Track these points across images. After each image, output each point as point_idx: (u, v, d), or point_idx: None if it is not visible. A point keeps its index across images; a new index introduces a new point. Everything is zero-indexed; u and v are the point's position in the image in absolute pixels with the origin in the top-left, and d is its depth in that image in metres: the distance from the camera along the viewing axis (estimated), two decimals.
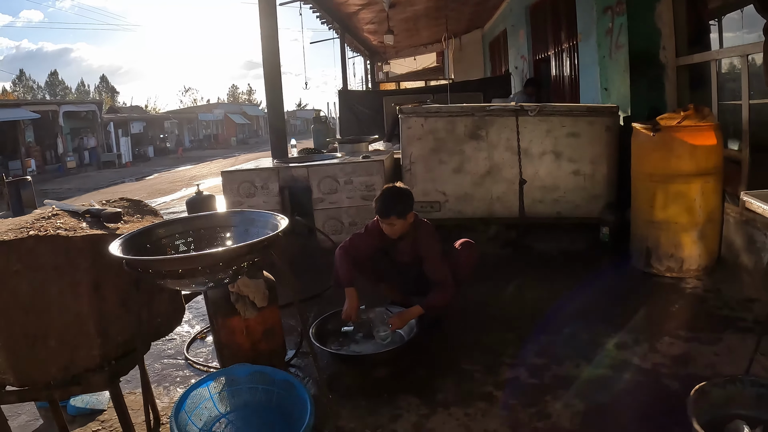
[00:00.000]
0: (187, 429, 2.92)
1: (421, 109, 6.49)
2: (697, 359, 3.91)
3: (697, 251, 5.40)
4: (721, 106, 6.11)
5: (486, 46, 22.31)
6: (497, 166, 6.28)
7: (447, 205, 6.35)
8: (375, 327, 4.39)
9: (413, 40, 22.14)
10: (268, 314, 3.75)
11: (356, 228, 6.25)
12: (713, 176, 5.30)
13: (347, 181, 6.23)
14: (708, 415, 2.99)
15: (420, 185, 6.31)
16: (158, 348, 4.67)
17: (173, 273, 2.37)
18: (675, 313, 4.73)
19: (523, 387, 3.68)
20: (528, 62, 13.87)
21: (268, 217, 3.02)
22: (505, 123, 6.24)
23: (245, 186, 6.39)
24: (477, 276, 5.34)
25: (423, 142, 6.27)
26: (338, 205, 6.30)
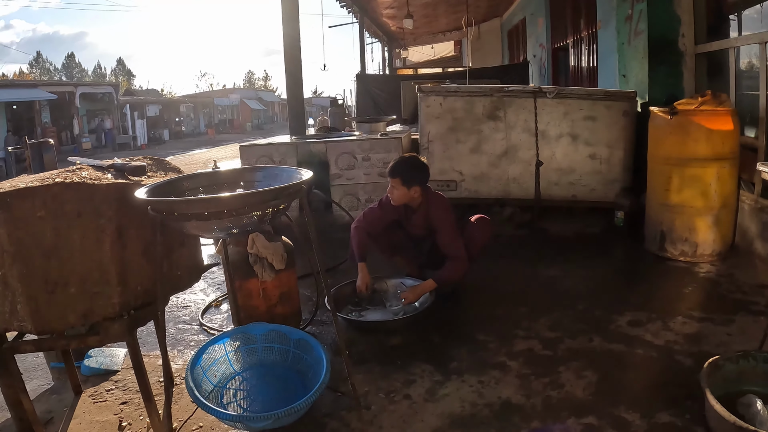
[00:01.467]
0: (201, 384, 2.96)
1: (440, 88, 6.51)
2: (709, 338, 3.93)
3: (711, 236, 5.41)
4: (738, 94, 6.10)
5: (504, 35, 22.23)
6: (514, 147, 6.30)
7: (463, 185, 6.37)
8: (388, 301, 4.44)
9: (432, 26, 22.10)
10: (285, 277, 3.79)
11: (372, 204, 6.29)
12: (729, 161, 5.30)
13: (365, 157, 6.26)
14: (721, 389, 3.00)
15: (437, 164, 6.33)
16: (173, 314, 4.73)
17: (199, 215, 2.39)
18: (688, 295, 4.74)
19: (537, 358, 3.71)
20: (546, 50, 13.83)
21: (292, 172, 3.04)
22: (523, 104, 6.25)
23: (263, 161, 6.42)
24: (491, 254, 5.38)
25: (441, 121, 6.29)
26: (355, 182, 6.34)
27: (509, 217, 6.64)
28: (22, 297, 2.58)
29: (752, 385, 3.09)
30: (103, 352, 3.97)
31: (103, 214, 2.65)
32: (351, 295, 4.53)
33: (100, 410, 3.38)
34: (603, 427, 2.96)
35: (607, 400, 3.18)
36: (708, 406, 2.84)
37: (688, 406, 3.08)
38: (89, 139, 35.39)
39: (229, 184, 3.11)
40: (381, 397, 3.33)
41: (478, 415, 3.13)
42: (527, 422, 3.04)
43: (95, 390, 3.61)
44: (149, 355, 3.98)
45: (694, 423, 2.95)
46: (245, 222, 2.49)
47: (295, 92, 7.76)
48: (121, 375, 3.79)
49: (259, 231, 3.64)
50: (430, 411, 3.18)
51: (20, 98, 29.81)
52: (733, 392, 3.03)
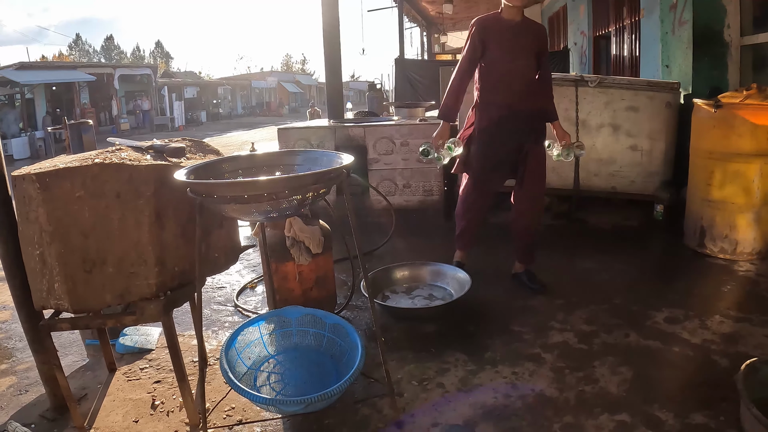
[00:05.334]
0: (235, 366, 2.97)
1: None
2: (747, 339, 3.85)
3: (752, 234, 5.30)
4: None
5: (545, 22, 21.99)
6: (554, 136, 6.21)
7: None
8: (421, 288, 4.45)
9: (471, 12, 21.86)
10: (321, 261, 3.80)
11: (410, 190, 6.28)
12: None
13: (403, 143, 6.23)
14: (757, 392, 2.92)
15: None
16: (208, 295, 4.77)
17: (238, 198, 2.39)
18: (726, 293, 4.66)
19: (571, 351, 3.68)
20: (588, 38, 13.64)
21: (332, 156, 3.03)
22: (564, 93, 6.17)
23: (301, 144, 6.42)
24: None
25: None
26: (393, 167, 6.31)
27: (547, 206, 6.58)
28: (59, 276, 2.61)
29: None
30: (137, 330, 4.01)
31: (142, 195, 2.67)
32: (386, 281, 4.53)
33: (133, 388, 3.42)
34: (636, 425, 2.92)
35: (641, 398, 3.15)
36: (743, 409, 2.79)
37: (722, 407, 3.03)
38: (127, 120, 35.75)
39: (268, 167, 3.11)
40: (414, 385, 3.32)
41: (511, 406, 3.11)
42: (560, 416, 3.01)
43: (129, 368, 3.66)
44: (183, 335, 4.02)
45: (728, 426, 2.91)
46: (284, 206, 2.48)
47: (333, 76, 7.72)
48: (155, 354, 3.84)
49: (297, 215, 3.64)
50: (462, 400, 3.17)
51: (60, 79, 30.20)
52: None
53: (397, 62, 14.15)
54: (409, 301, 4.39)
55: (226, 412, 3.13)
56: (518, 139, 4.53)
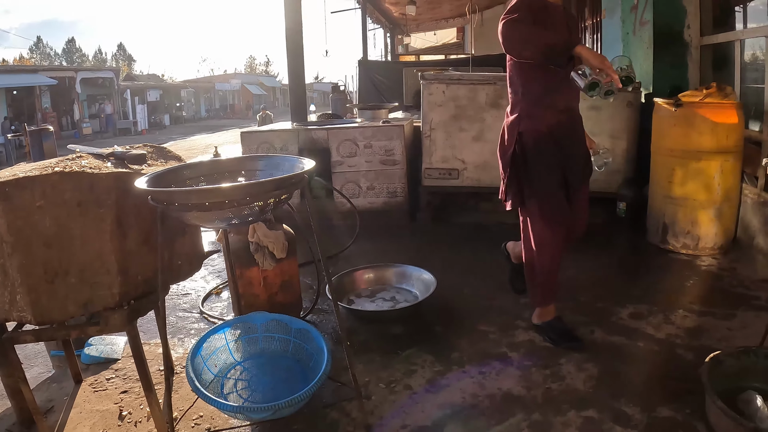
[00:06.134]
0: (202, 374, 2.95)
1: (443, 75, 6.46)
2: (710, 332, 3.93)
3: (713, 229, 5.40)
4: (743, 87, 6.07)
5: None
6: None
7: (465, 173, 6.32)
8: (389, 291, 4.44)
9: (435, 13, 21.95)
10: (286, 266, 3.78)
11: (374, 192, 6.27)
12: (733, 155, 5.29)
13: (367, 145, 6.23)
14: (721, 384, 2.99)
15: (439, 152, 6.28)
16: (174, 302, 4.72)
17: (200, 206, 2.37)
18: (689, 288, 4.73)
19: (538, 349, 3.72)
20: None
21: (294, 161, 3.02)
22: None
23: (264, 147, 6.39)
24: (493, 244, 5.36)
25: (444, 109, 6.24)
26: (357, 169, 6.30)
27: None
28: (21, 287, 2.57)
29: (753, 382, 3.07)
30: (103, 340, 3.97)
31: (103, 204, 2.64)
32: (351, 285, 4.52)
33: (100, 399, 3.38)
34: (603, 421, 2.96)
35: (608, 393, 3.18)
36: (708, 401, 2.84)
37: (688, 400, 3.07)
38: (90, 125, 35.40)
39: (230, 173, 3.09)
40: (382, 387, 3.33)
41: (479, 406, 3.13)
42: (527, 414, 3.04)
43: (95, 379, 3.61)
44: (150, 344, 3.98)
45: (694, 418, 2.95)
46: (246, 213, 2.47)
47: (296, 78, 7.70)
48: (122, 363, 3.79)
49: (260, 220, 3.62)
50: (430, 401, 3.17)
51: (20, 83, 29.84)
52: (733, 388, 3.02)
53: (361, 64, 14.15)
54: (375, 303, 4.39)
55: (194, 421, 3.10)
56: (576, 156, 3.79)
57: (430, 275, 4.43)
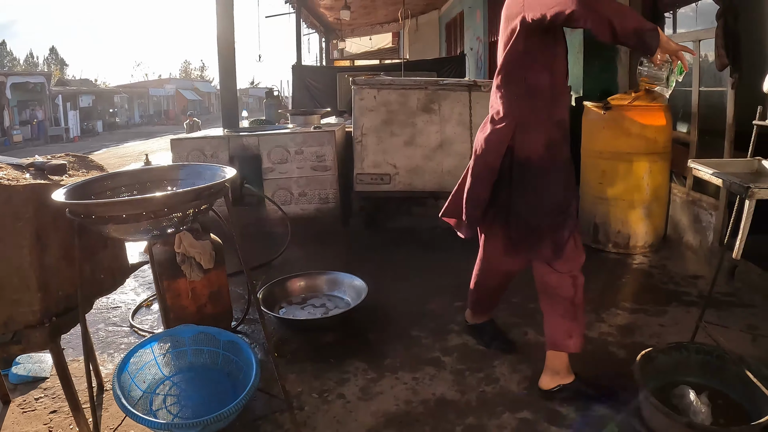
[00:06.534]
0: (130, 391, 2.86)
1: (374, 80, 6.43)
2: (642, 329, 4.01)
3: (643, 228, 5.50)
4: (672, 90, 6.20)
5: (442, 27, 22.29)
6: (449, 140, 6.26)
7: (397, 178, 6.31)
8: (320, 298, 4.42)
9: (370, 18, 22.00)
10: (214, 277, 3.70)
11: (306, 198, 6.22)
12: (661, 156, 5.40)
13: (298, 151, 6.16)
14: (654, 380, 3.08)
15: (371, 157, 6.25)
16: (103, 315, 4.60)
17: (117, 218, 2.30)
18: (621, 286, 4.81)
19: (471, 353, 3.72)
20: (483, 44, 13.90)
21: (215, 170, 2.96)
22: (457, 98, 6.22)
23: (194, 155, 6.28)
24: (427, 247, 5.39)
25: (375, 114, 6.21)
26: (288, 175, 6.22)
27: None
28: None
29: (685, 376, 3.17)
30: (30, 358, 3.83)
31: (21, 217, 2.54)
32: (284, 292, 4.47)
33: (29, 420, 3.26)
34: (538, 421, 2.98)
35: (542, 394, 3.20)
36: (642, 398, 2.89)
37: (622, 398, 3.11)
38: (20, 132, 34.52)
39: (152, 183, 3.02)
40: (314, 397, 3.28)
41: (413, 412, 3.11)
42: (462, 419, 3.04)
43: (24, 399, 3.48)
44: (80, 360, 3.84)
45: (628, 415, 2.99)
46: (165, 224, 2.41)
47: (228, 84, 7.57)
48: (51, 382, 3.66)
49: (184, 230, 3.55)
50: (364, 410, 3.15)
51: None
52: (666, 383, 3.11)
53: (295, 69, 14.03)
54: (307, 311, 4.34)
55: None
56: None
57: (362, 282, 4.39)
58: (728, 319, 4.21)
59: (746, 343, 3.72)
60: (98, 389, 3.29)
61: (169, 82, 64.11)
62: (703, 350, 3.21)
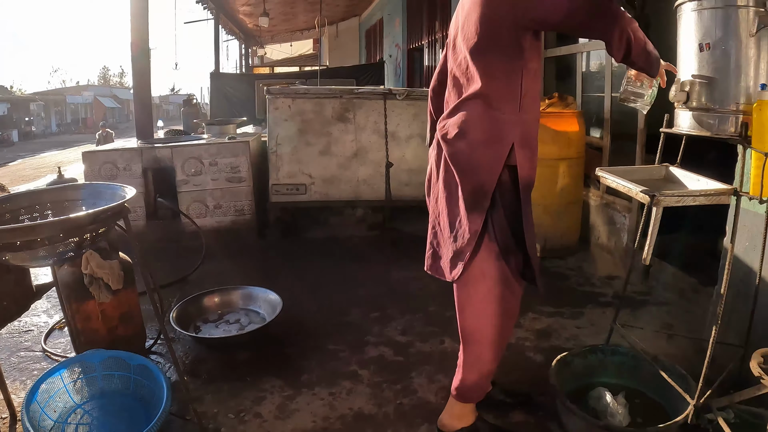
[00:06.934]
0: (40, 422, 2.77)
1: (288, 90, 6.39)
2: (559, 332, 4.07)
3: (559, 232, 5.59)
4: (585, 96, 6.34)
5: (362, 34, 22.37)
6: (364, 148, 6.28)
7: (313, 188, 6.27)
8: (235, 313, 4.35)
9: (290, 24, 21.91)
10: (124, 297, 3.61)
11: (221, 211, 6.13)
12: (575, 161, 5.50)
13: (212, 162, 6.05)
14: (571, 384, 3.13)
15: (286, 167, 6.21)
16: (15, 340, 4.41)
17: (10, 246, 2.22)
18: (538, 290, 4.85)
19: (388, 365, 3.69)
20: (402, 51, 14.00)
21: (116, 189, 2.88)
22: (372, 106, 6.23)
23: (107, 167, 6.12)
24: (344, 257, 5.36)
25: (290, 123, 6.16)
26: (203, 188, 6.11)
27: (361, 218, 6.63)
28: None
29: (603, 378, 3.23)
30: None
31: None
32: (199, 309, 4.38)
33: None
34: None
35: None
36: (559, 403, 2.91)
37: (541, 403, 3.16)
38: None
39: (53, 204, 2.92)
40: (230, 418, 3.20)
41: (330, 429, 3.07)
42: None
43: None
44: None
45: (546, 420, 3.04)
46: (63, 250, 2.33)
47: (142, 93, 7.37)
48: None
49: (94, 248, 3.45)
50: (281, 429, 3.08)
51: None
52: (584, 385, 3.16)
53: (213, 76, 13.82)
54: (222, 328, 4.24)
55: None
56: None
57: (276, 296, 4.31)
58: (644, 318, 4.32)
59: (662, 341, 3.81)
60: (11, 420, 3.16)
61: (87, 89, 62.73)
62: (618, 352, 3.28)
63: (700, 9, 2.62)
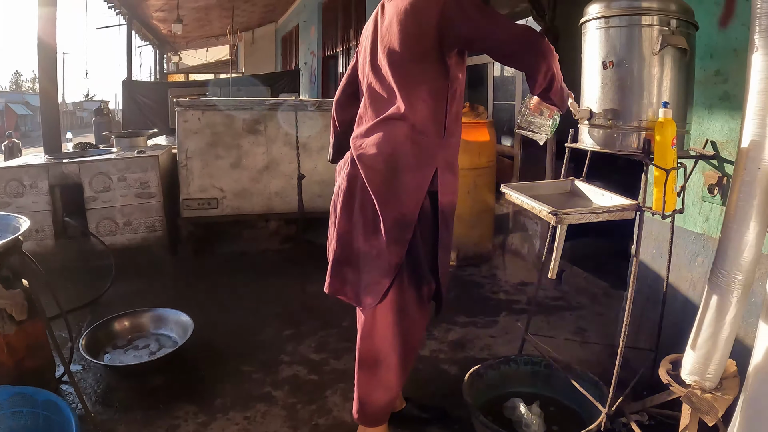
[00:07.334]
0: None
1: (198, 102, 6.27)
2: (473, 342, 4.10)
3: (473, 240, 5.64)
4: (496, 105, 6.42)
5: (278, 41, 22.27)
6: (275, 161, 6.23)
7: (225, 202, 6.18)
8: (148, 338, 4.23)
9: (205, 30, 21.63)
10: (30, 328, 3.46)
11: (131, 228, 5.97)
12: (487, 170, 5.57)
13: (121, 178, 5.87)
14: (486, 395, 3.17)
15: (197, 181, 6.11)
16: None
17: None
18: (452, 300, 4.87)
19: (303, 384, 3.64)
20: (317, 58, 13.97)
21: (10, 220, 2.78)
22: (284, 117, 6.19)
23: (13, 185, 5.88)
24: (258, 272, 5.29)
25: (200, 136, 6.06)
26: (112, 204, 5.91)
27: (275, 231, 6.56)
28: None
29: (517, 387, 3.28)
30: None
31: None
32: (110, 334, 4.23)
33: None
34: None
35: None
36: (473, 418, 2.92)
37: (456, 417, 3.16)
38: None
39: None
40: None
41: None
42: None
43: None
44: None
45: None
46: None
47: (49, 103, 7.10)
48: None
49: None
50: None
51: None
52: (498, 396, 3.20)
53: (125, 84, 13.49)
54: (132, 355, 4.09)
55: None
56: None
57: (187, 317, 4.17)
58: (558, 324, 4.41)
59: (575, 348, 3.91)
60: None
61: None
62: (531, 361, 3.33)
63: (605, 27, 2.68)
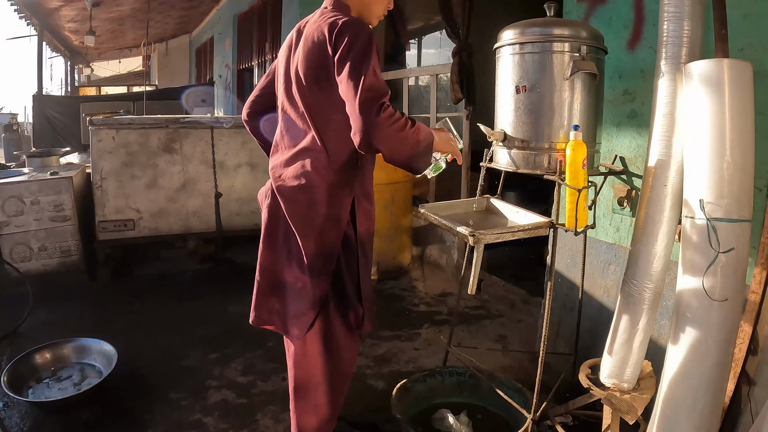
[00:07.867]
0: None
1: (112, 120, 6.10)
2: (398, 356, 4.14)
3: (392, 254, 5.68)
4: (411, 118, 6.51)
5: (193, 53, 21.99)
6: (192, 180, 6.14)
7: (142, 223, 6.05)
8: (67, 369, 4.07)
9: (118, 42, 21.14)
10: None
11: (47, 253, 5.77)
12: (403, 184, 5.64)
13: (34, 201, 5.67)
14: (415, 408, 3.23)
15: (112, 203, 5.95)
16: None
17: None
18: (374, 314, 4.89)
19: (232, 408, 3.60)
20: (232, 71, 13.83)
21: None
22: (200, 135, 6.12)
23: None
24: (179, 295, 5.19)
25: (114, 155, 5.89)
26: (26, 229, 5.69)
27: (193, 251, 6.46)
28: None
29: (444, 398, 3.36)
30: None
31: None
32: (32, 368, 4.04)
33: None
34: None
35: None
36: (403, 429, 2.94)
37: (387, 430, 3.19)
38: None
39: None
40: None
41: None
42: None
43: None
44: None
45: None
46: None
47: None
48: None
49: None
50: None
51: None
52: (427, 408, 3.27)
53: (35, 98, 12.99)
54: (57, 388, 3.92)
55: None
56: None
57: (110, 347, 4.03)
58: (479, 332, 4.49)
59: (498, 356, 4.00)
60: None
61: None
62: (456, 372, 3.41)
63: (519, 53, 2.78)
